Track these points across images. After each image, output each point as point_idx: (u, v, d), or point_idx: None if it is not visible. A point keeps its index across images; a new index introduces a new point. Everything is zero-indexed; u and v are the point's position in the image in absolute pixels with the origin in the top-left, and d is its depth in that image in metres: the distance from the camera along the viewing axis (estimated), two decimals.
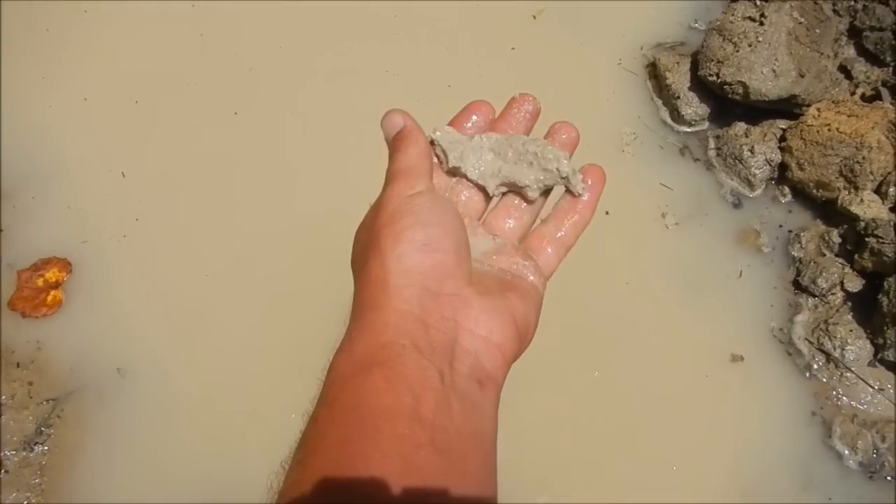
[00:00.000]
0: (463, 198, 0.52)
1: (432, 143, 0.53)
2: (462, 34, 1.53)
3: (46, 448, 1.22)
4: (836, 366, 1.24)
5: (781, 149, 1.38)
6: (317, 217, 1.33)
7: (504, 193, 0.54)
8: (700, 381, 1.27)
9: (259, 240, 1.36)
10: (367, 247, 0.45)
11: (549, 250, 0.51)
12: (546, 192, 0.53)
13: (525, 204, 0.53)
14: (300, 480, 0.36)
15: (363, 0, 1.55)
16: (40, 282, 1.34)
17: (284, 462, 0.39)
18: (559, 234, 0.51)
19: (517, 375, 0.46)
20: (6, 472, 1.20)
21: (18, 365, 1.29)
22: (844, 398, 1.23)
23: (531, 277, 0.49)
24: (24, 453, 1.21)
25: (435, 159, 0.53)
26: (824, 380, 1.25)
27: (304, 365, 0.83)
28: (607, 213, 1.31)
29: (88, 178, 1.41)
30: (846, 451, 1.19)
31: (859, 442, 1.18)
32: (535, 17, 1.55)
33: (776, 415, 1.24)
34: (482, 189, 0.53)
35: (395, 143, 0.50)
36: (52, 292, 1.33)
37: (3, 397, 1.25)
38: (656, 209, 1.39)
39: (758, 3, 1.39)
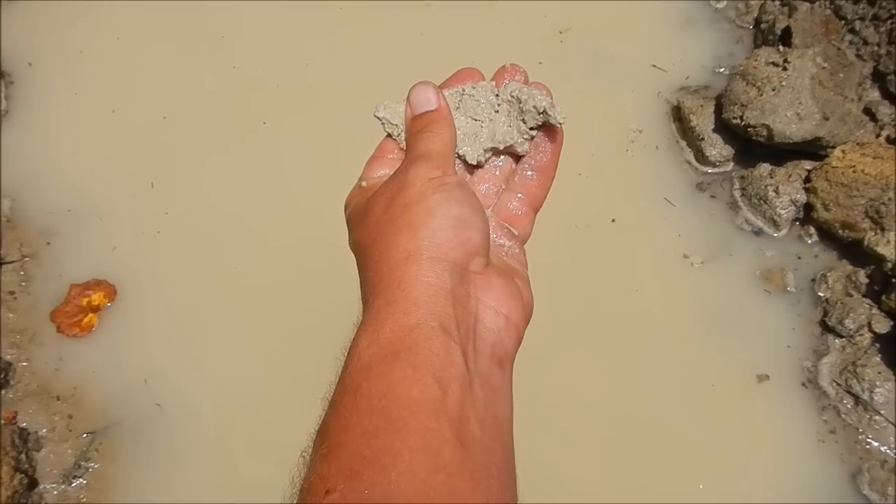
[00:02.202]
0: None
1: (381, 123, 0.49)
2: (489, 51, 1.56)
3: (84, 482, 1.25)
4: (865, 409, 1.24)
5: (806, 189, 1.39)
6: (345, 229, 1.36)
7: (487, 158, 0.50)
8: (728, 413, 1.28)
9: (289, 254, 1.40)
10: (386, 222, 0.44)
11: (525, 220, 0.50)
12: (532, 138, 0.50)
13: (495, 167, 0.51)
14: (326, 476, 0.36)
15: (389, 21, 1.62)
16: (85, 301, 1.36)
17: (305, 452, 0.39)
18: (530, 200, 0.50)
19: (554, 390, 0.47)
20: None
21: (59, 398, 1.32)
22: (874, 442, 1.22)
23: (522, 260, 0.49)
24: (63, 487, 1.24)
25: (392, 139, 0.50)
26: (852, 423, 1.24)
27: None
28: (613, 220, 1.37)
29: (118, 192, 1.47)
30: (877, 499, 1.18)
31: (889, 489, 1.17)
32: (561, 34, 1.60)
33: (803, 452, 1.24)
34: (461, 158, 0.50)
35: (425, 122, 0.48)
36: (90, 315, 1.36)
37: (44, 430, 1.29)
38: (678, 250, 1.41)
39: (781, 49, 1.41)
